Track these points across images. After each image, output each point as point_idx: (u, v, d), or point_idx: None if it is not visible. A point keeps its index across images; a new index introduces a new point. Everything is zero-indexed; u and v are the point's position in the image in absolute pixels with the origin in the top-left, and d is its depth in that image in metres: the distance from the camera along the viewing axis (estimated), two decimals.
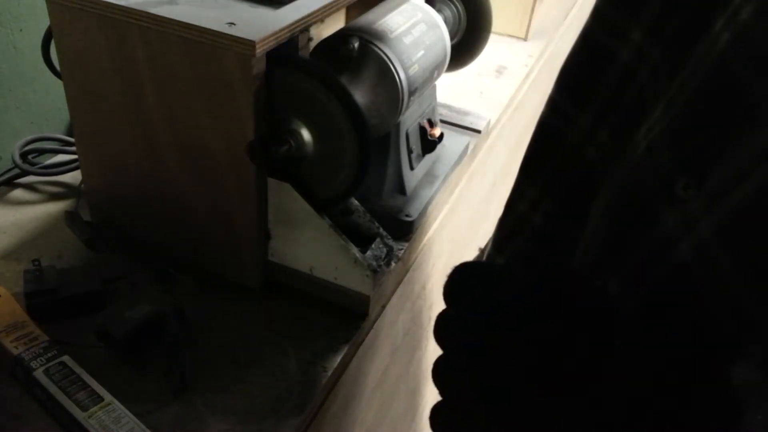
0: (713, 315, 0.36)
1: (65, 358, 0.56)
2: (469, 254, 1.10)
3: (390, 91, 0.66)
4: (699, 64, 0.40)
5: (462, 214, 0.95)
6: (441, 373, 0.39)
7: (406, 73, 0.67)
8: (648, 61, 0.47)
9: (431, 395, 1.11)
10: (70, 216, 0.72)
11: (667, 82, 0.44)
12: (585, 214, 0.47)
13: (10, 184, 0.81)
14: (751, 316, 0.34)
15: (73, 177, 0.82)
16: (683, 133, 0.39)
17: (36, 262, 0.64)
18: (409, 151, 0.75)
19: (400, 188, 0.75)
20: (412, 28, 0.71)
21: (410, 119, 0.74)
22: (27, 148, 0.82)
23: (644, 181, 0.41)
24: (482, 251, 0.62)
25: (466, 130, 0.92)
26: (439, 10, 0.79)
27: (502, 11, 1.25)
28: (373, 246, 0.66)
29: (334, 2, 0.61)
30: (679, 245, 0.37)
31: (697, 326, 0.37)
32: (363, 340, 0.66)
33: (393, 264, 0.67)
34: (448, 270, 0.41)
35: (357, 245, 0.63)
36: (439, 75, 0.78)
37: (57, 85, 0.72)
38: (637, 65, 0.48)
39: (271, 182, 0.61)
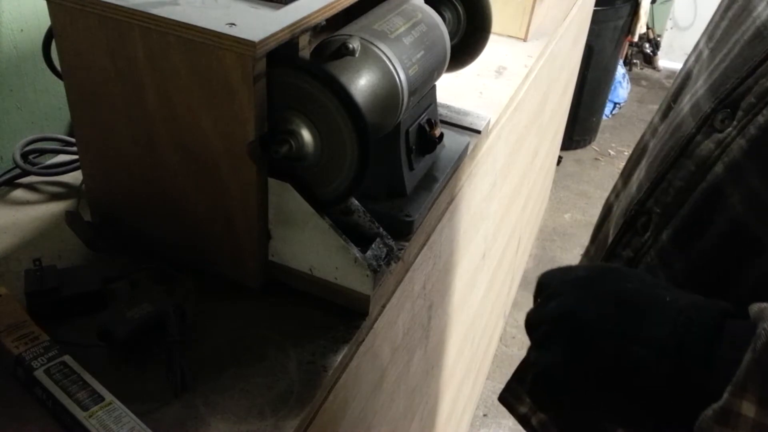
0: (741, 220, 0.44)
1: (66, 357, 0.56)
2: (470, 254, 1.10)
3: (390, 91, 0.66)
4: (741, 37, 0.49)
5: (462, 214, 0.95)
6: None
7: (406, 73, 0.67)
8: None
9: (431, 395, 1.11)
10: (71, 216, 0.72)
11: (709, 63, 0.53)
12: None
13: (11, 184, 0.81)
14: None
15: (74, 177, 0.82)
16: (722, 83, 0.48)
17: (37, 262, 0.64)
18: (409, 151, 0.75)
19: (400, 188, 0.75)
20: (413, 28, 0.71)
21: (410, 119, 0.75)
22: (28, 148, 0.83)
23: (688, 128, 0.50)
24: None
25: (466, 130, 0.92)
26: (439, 11, 0.80)
27: (501, 12, 1.25)
28: (373, 246, 0.66)
29: (334, 2, 0.61)
30: (714, 166, 0.46)
31: (726, 233, 0.45)
32: (363, 340, 0.66)
33: (393, 264, 0.67)
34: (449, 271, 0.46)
35: (357, 245, 0.63)
36: (439, 75, 0.78)
37: (58, 86, 0.72)
38: None
39: (272, 182, 0.61)
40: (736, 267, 0.45)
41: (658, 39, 4.06)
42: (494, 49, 1.22)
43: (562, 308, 0.44)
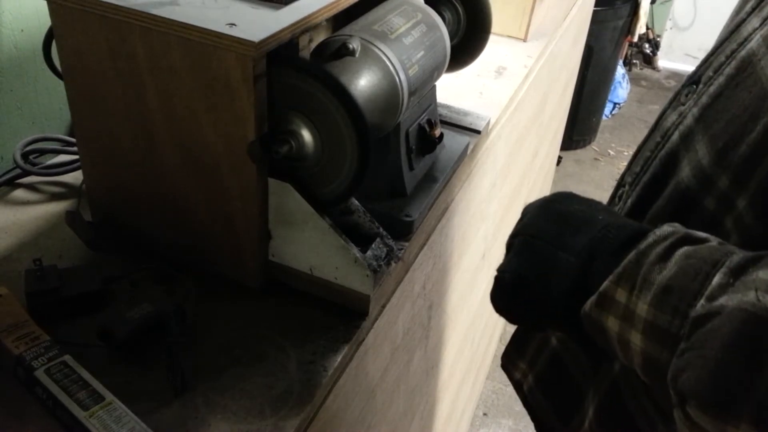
0: (685, 184, 0.48)
1: (66, 357, 0.56)
2: (470, 254, 1.10)
3: (390, 91, 0.66)
4: (724, 31, 0.52)
5: (462, 214, 0.96)
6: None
7: (406, 73, 0.67)
8: None
9: (431, 395, 1.11)
10: (71, 216, 0.72)
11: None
12: None
13: (12, 184, 0.81)
14: (710, 175, 0.46)
15: (74, 177, 0.82)
16: (697, 68, 0.52)
17: (37, 262, 0.64)
18: (409, 152, 0.75)
19: (400, 188, 0.75)
20: (412, 29, 0.71)
21: (410, 120, 0.75)
22: (28, 148, 0.83)
23: (665, 109, 0.54)
24: None
25: (465, 131, 0.92)
26: (439, 11, 0.80)
27: (501, 12, 1.25)
28: (373, 246, 0.66)
29: (334, 3, 0.61)
30: (673, 135, 0.50)
31: (673, 196, 0.49)
32: (363, 340, 0.66)
33: (393, 264, 0.67)
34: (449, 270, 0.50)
35: (357, 245, 0.63)
36: (439, 76, 0.78)
37: (58, 86, 0.72)
38: None
39: (272, 182, 0.61)
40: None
41: (658, 39, 4.06)
42: (494, 49, 1.22)
43: (521, 224, 0.51)
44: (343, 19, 0.69)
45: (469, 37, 0.85)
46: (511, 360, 0.72)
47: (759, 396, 0.33)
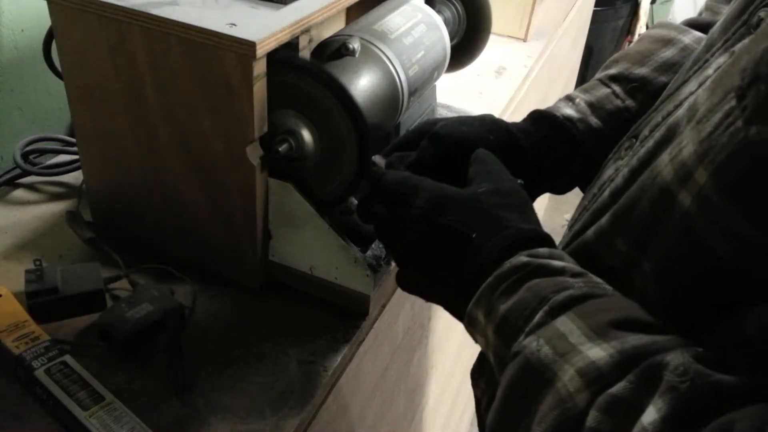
0: (591, 246, 0.48)
1: (66, 357, 0.56)
2: None
3: (390, 91, 0.66)
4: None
5: None
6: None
7: (406, 73, 0.67)
8: None
9: (431, 395, 1.11)
10: (71, 216, 0.72)
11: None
12: None
13: (12, 184, 0.81)
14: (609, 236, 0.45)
15: (74, 177, 0.82)
16: (639, 122, 0.51)
17: (37, 262, 0.64)
18: None
19: None
20: (412, 29, 0.71)
21: (410, 120, 0.75)
22: (28, 148, 0.83)
23: (608, 159, 0.54)
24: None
25: None
26: (439, 11, 0.80)
27: (501, 12, 1.25)
28: (373, 246, 0.66)
29: (334, 3, 0.61)
30: (605, 191, 0.49)
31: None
32: (363, 340, 0.66)
33: (393, 264, 0.67)
34: None
35: (357, 245, 0.63)
36: (438, 76, 0.78)
37: (58, 86, 0.72)
38: None
39: (272, 182, 0.61)
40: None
41: None
42: (494, 49, 1.22)
43: (405, 229, 0.50)
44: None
45: (469, 37, 0.85)
46: (474, 378, 0.72)
47: None
